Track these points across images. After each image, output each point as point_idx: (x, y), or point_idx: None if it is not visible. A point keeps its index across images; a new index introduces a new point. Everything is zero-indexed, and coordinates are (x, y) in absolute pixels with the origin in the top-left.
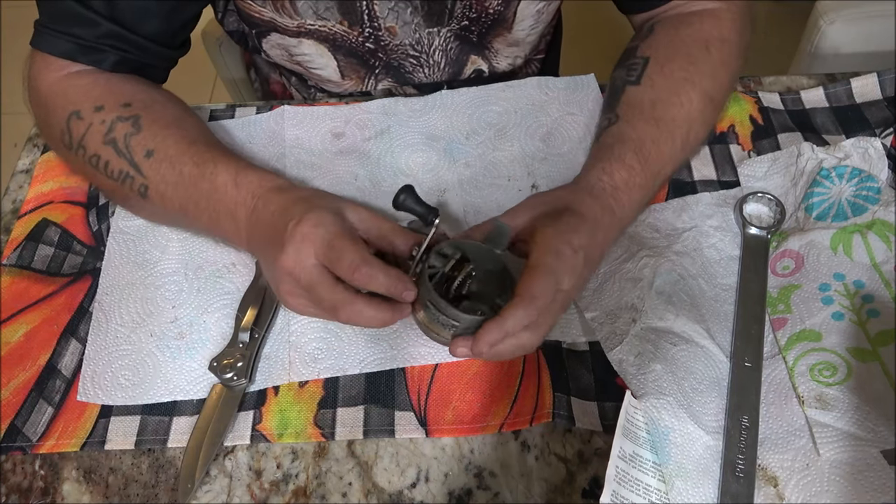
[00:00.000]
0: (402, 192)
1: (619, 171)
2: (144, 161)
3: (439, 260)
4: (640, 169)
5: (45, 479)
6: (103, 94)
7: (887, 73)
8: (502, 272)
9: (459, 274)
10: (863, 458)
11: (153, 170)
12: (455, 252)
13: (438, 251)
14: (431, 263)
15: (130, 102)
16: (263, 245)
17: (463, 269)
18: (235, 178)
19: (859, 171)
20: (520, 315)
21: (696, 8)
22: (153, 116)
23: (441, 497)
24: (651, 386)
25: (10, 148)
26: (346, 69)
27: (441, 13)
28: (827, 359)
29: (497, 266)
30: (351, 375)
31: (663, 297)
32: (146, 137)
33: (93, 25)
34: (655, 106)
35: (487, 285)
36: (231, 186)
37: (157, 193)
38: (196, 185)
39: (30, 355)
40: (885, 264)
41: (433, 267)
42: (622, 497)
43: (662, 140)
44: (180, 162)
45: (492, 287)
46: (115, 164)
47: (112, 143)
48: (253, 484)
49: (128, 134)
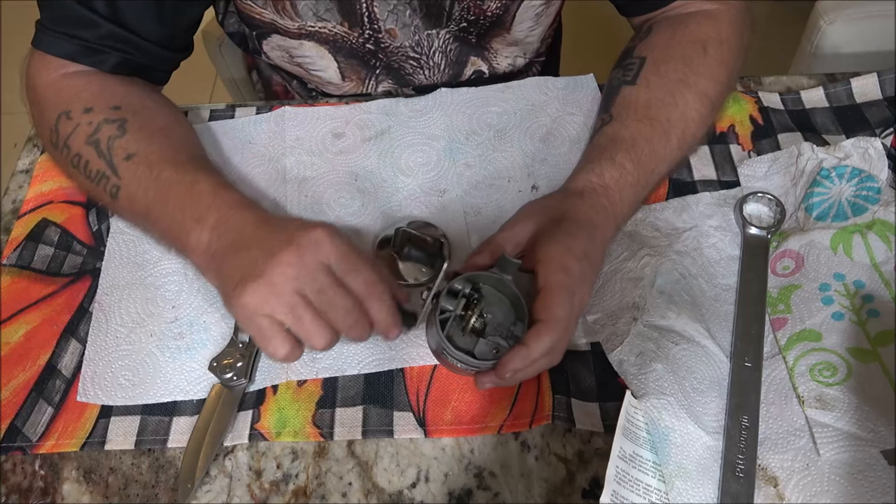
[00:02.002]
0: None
1: (609, 170)
2: (123, 163)
3: (450, 301)
4: (633, 168)
5: (45, 479)
6: (94, 96)
7: (887, 73)
8: (514, 299)
9: (473, 313)
10: (863, 458)
11: (129, 172)
12: (465, 286)
13: (449, 290)
14: (443, 308)
15: (120, 106)
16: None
17: (475, 308)
18: (215, 189)
19: (859, 171)
20: (545, 342)
21: (695, 9)
22: (140, 122)
23: (441, 497)
24: (652, 386)
25: (10, 148)
26: (347, 71)
27: (439, 15)
28: (827, 359)
29: (508, 293)
30: (349, 376)
31: (664, 297)
32: (129, 141)
33: (94, 27)
34: (650, 106)
35: (500, 314)
36: (208, 195)
37: (126, 195)
38: (170, 188)
39: (30, 355)
40: (885, 264)
41: (444, 312)
42: (622, 497)
43: (656, 139)
44: (159, 167)
45: (504, 315)
46: (94, 164)
47: (95, 143)
48: (253, 484)
49: (112, 137)
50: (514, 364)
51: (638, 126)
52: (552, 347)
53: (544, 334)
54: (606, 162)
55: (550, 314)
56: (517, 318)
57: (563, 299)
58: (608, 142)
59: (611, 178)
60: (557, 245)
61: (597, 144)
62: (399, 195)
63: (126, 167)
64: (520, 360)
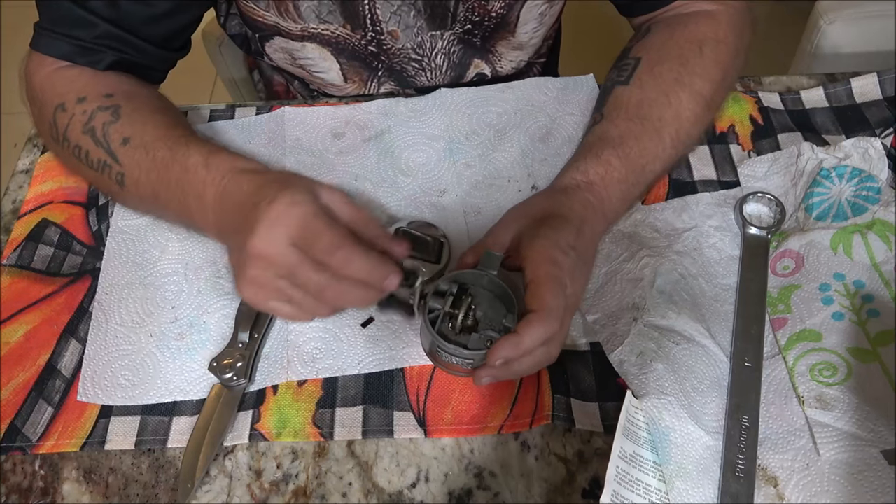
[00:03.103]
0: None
1: (594, 167)
2: (120, 148)
3: (437, 300)
4: (619, 164)
5: (45, 479)
6: (87, 86)
7: (887, 73)
8: (502, 294)
9: (461, 309)
10: (863, 458)
11: (128, 157)
12: (451, 286)
13: (435, 290)
14: (431, 307)
15: (113, 93)
16: (233, 229)
17: (463, 304)
18: (206, 159)
19: (859, 171)
20: (537, 330)
21: (694, 9)
22: (134, 105)
23: (441, 497)
24: (652, 386)
25: (10, 148)
26: (349, 73)
27: (444, 16)
28: (827, 359)
29: (496, 288)
30: (349, 376)
31: (665, 297)
32: (124, 125)
33: (90, 26)
34: (641, 105)
35: (491, 310)
36: (201, 167)
37: (132, 180)
38: (168, 167)
39: (30, 355)
40: (885, 264)
41: (433, 311)
42: (622, 497)
43: (647, 137)
44: (154, 147)
45: (496, 310)
46: (94, 153)
47: (91, 132)
48: (253, 484)
49: (106, 123)
50: (505, 351)
51: (628, 125)
52: (547, 338)
53: (535, 322)
54: (591, 159)
55: (542, 303)
56: (507, 312)
57: (553, 288)
58: (595, 140)
59: (595, 174)
60: (543, 240)
61: (584, 143)
62: (399, 195)
63: (124, 152)
64: (510, 347)
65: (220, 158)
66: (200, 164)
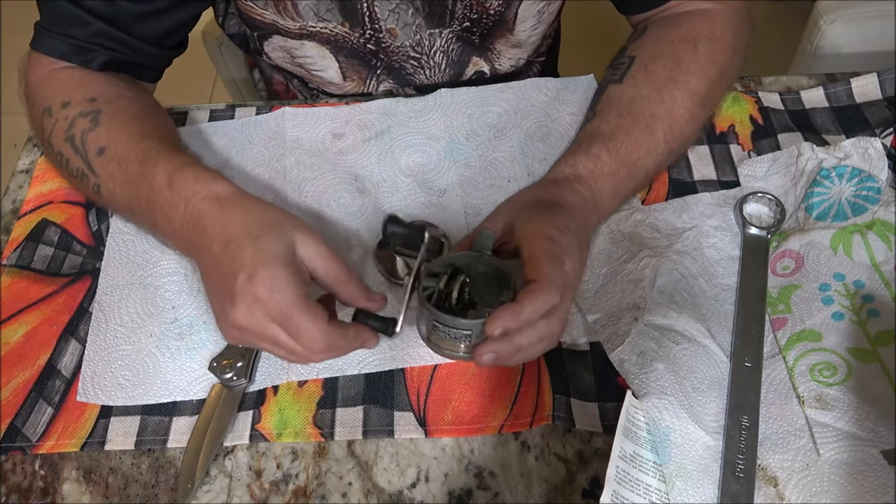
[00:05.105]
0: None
1: (583, 161)
2: (96, 159)
3: (431, 280)
4: (609, 158)
5: (45, 479)
6: (73, 90)
7: (887, 73)
8: (497, 273)
9: (454, 286)
10: (863, 458)
11: (103, 168)
12: (445, 268)
13: (429, 272)
14: (425, 286)
15: (96, 97)
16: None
17: (457, 281)
18: (170, 179)
19: (859, 171)
20: (538, 300)
21: (690, 8)
22: (113, 111)
23: (441, 497)
24: (653, 385)
25: (10, 148)
26: (348, 71)
27: (442, 14)
28: (827, 359)
29: (491, 268)
30: (350, 376)
31: (665, 296)
32: (101, 134)
33: (85, 25)
34: (633, 102)
35: (487, 289)
36: (165, 189)
37: (107, 192)
38: (138, 185)
39: (29, 355)
40: (885, 264)
41: (427, 288)
42: (622, 497)
43: (638, 132)
44: (126, 160)
45: (491, 289)
46: (73, 161)
47: (70, 139)
48: (253, 484)
49: (85, 130)
50: (504, 320)
51: (619, 121)
52: (547, 309)
53: (536, 292)
54: (581, 154)
55: (541, 274)
56: (505, 290)
57: (551, 262)
58: (586, 136)
59: (584, 168)
60: (537, 220)
61: (577, 140)
62: (399, 195)
63: (100, 163)
64: (510, 315)
65: (182, 179)
66: (164, 184)
